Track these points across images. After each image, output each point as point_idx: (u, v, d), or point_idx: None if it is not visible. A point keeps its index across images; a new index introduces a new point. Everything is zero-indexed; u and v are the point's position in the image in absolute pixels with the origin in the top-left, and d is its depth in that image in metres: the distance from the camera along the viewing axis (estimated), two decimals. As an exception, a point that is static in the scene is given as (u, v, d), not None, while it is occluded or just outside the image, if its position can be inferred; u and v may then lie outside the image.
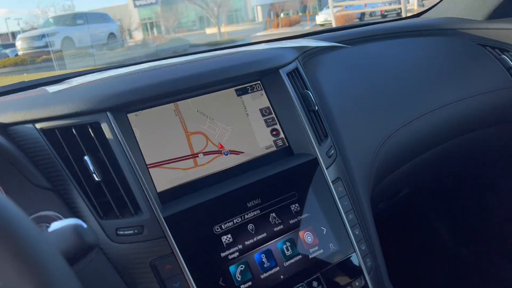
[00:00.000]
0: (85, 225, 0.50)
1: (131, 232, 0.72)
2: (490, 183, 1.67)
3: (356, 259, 0.87)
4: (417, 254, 1.99)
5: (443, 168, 1.39)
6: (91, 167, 0.74)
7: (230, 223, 0.79)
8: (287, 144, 0.94)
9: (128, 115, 0.81)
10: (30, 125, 0.76)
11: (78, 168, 0.74)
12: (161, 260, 0.72)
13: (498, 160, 1.51)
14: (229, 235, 0.78)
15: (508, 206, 1.65)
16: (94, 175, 0.73)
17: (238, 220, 0.80)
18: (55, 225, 0.50)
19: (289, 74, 0.96)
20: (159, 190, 0.79)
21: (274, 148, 0.93)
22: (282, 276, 0.80)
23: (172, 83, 0.83)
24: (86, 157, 0.74)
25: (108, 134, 0.75)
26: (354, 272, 0.86)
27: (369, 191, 1.03)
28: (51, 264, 0.40)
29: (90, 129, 0.75)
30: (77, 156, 0.75)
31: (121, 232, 0.72)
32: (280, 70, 0.94)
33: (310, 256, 0.83)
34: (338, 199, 0.90)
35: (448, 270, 1.87)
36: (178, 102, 0.86)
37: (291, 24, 18.03)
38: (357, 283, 0.85)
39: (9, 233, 0.39)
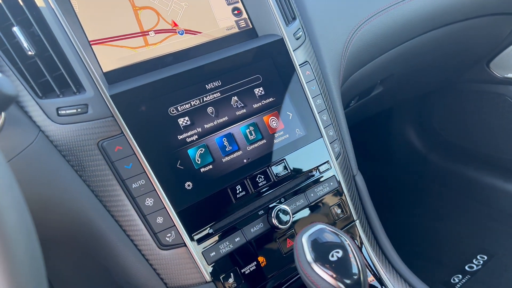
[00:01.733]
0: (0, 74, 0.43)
1: (74, 111, 0.65)
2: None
3: (323, 144, 0.83)
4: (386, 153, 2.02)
5: (418, 64, 1.34)
6: (23, 41, 0.64)
7: (187, 105, 0.73)
8: (250, 26, 0.85)
9: (63, -17, 0.70)
10: None
11: (8, 42, 0.65)
12: (110, 141, 0.66)
13: (476, 52, 1.46)
14: (186, 118, 0.72)
15: (475, 109, 1.64)
16: (28, 50, 0.64)
17: (196, 102, 0.73)
18: None
19: None
20: (105, 69, 0.71)
21: (236, 30, 0.84)
22: (245, 160, 0.76)
23: None
24: (15, 29, 0.64)
25: (39, 2, 0.65)
26: (320, 157, 0.82)
27: (340, 80, 0.97)
28: None
29: None
30: (6, 29, 0.65)
31: (63, 112, 0.65)
32: None
33: (275, 141, 0.79)
34: (306, 83, 0.84)
35: (416, 174, 1.92)
36: (123, -29, 0.75)
37: None
38: (323, 168, 0.82)
39: None
